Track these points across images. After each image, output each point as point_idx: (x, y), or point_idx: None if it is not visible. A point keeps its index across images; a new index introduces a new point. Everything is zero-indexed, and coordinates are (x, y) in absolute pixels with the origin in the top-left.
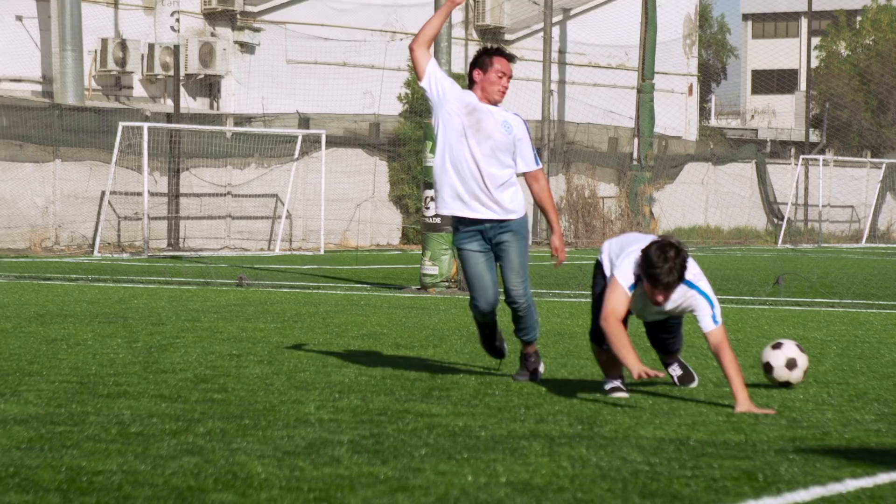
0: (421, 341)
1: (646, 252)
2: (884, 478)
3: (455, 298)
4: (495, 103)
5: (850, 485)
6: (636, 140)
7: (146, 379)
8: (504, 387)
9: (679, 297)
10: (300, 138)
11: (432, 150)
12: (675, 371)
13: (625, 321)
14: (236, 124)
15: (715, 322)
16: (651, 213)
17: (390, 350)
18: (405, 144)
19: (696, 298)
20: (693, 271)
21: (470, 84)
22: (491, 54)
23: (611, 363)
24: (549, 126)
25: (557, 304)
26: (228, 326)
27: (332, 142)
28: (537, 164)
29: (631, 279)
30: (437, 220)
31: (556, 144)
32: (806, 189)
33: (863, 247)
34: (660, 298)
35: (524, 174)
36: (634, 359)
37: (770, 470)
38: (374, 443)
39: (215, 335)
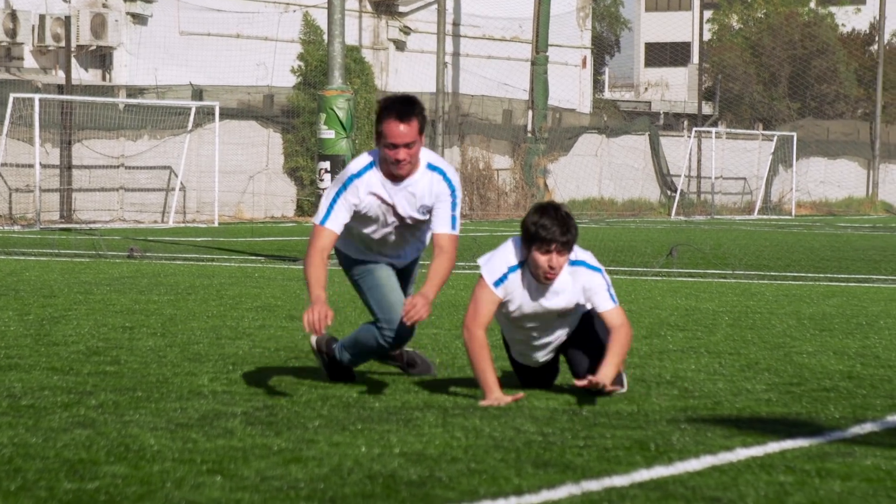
0: None
1: (526, 220)
2: (774, 446)
3: None
4: (401, 178)
5: (741, 453)
6: (530, 112)
7: (38, 351)
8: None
9: (571, 285)
10: (193, 110)
11: (326, 123)
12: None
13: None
14: (129, 96)
15: (613, 300)
16: (545, 185)
17: (284, 322)
18: (299, 116)
19: (587, 275)
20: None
21: None
22: (380, 119)
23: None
24: (444, 98)
25: (452, 277)
26: (121, 299)
27: (226, 114)
28: (453, 228)
29: (503, 269)
30: None
31: (451, 117)
32: (699, 161)
33: (755, 218)
34: (558, 262)
35: (434, 234)
36: (494, 382)
37: (662, 439)
38: (268, 414)
39: (108, 307)
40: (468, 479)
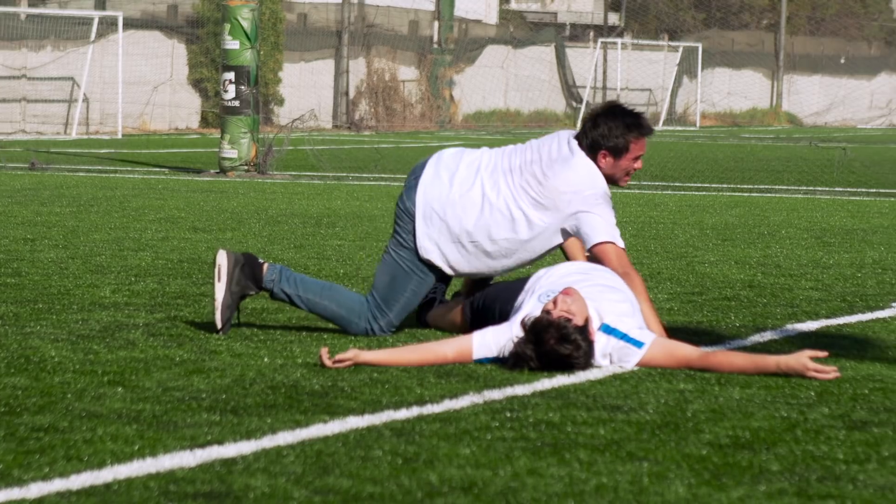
0: (219, 225)
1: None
2: None
3: (254, 182)
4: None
5: None
6: (436, 23)
7: None
8: (302, 270)
9: None
10: (96, 20)
11: (231, 33)
12: None
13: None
14: (30, 5)
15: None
16: (451, 96)
17: (188, 234)
18: (203, 26)
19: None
20: None
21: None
22: (630, 135)
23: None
24: (349, 9)
25: (356, 188)
26: (23, 210)
27: (130, 24)
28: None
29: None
30: (237, 104)
31: (357, 28)
32: (604, 72)
33: (660, 129)
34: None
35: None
36: None
37: None
38: (170, 326)
39: (9, 219)
40: (371, 389)
